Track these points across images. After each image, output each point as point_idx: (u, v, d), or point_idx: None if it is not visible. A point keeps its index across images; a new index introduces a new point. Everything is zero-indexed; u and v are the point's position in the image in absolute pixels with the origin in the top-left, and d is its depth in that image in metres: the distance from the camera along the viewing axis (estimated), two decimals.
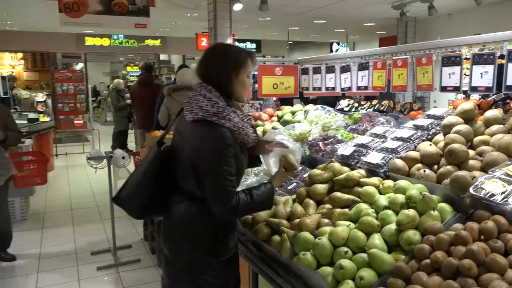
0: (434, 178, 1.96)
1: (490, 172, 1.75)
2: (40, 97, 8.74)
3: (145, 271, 4.11)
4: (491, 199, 1.62)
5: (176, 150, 1.94)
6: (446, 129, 2.19)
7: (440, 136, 2.24)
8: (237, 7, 6.01)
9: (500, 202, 1.60)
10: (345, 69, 3.77)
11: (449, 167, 1.93)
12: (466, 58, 2.74)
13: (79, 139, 10.82)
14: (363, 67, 3.55)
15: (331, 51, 15.73)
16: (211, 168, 1.77)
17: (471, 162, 1.91)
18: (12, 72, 16.50)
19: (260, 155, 2.16)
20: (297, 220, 2.08)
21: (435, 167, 2.07)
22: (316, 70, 4.18)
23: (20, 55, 17.03)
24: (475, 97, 4.89)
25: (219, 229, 1.89)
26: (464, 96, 7.28)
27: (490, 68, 2.48)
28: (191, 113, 1.83)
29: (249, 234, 2.28)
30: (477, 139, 2.07)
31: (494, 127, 2.08)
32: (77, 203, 6.27)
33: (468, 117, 2.19)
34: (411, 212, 1.74)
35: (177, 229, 1.91)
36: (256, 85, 4.93)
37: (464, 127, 2.09)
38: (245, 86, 1.93)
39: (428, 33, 9.00)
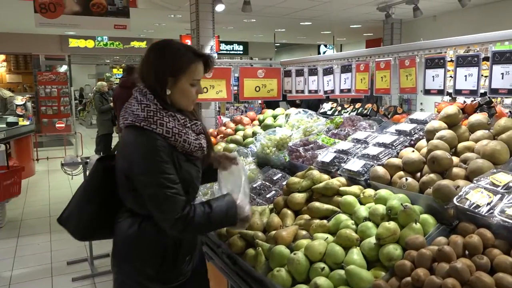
0: (416, 187, 1.86)
1: (475, 181, 1.65)
2: (19, 100, 8.48)
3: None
4: (476, 210, 1.52)
5: (116, 162, 1.73)
6: (429, 135, 2.09)
7: (423, 142, 2.13)
8: (219, 8, 5.87)
9: (486, 214, 1.50)
10: (328, 72, 3.67)
11: (432, 175, 1.82)
12: (450, 60, 2.65)
13: (62, 143, 10.57)
14: (346, 69, 3.45)
15: (319, 53, 15.69)
16: (147, 179, 1.55)
17: (455, 170, 1.80)
18: None
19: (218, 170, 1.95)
20: (273, 232, 1.96)
21: (418, 175, 1.97)
22: (299, 73, 4.07)
23: (2, 57, 16.68)
24: (460, 100, 4.83)
25: (168, 250, 1.66)
26: (450, 99, 7.25)
27: (474, 71, 2.39)
28: (122, 119, 1.65)
29: (223, 246, 2.16)
30: (461, 145, 1.97)
31: (479, 133, 1.98)
32: (56, 210, 6.06)
33: (452, 122, 2.09)
34: (392, 224, 1.63)
35: (120, 250, 1.71)
36: (236, 88, 4.82)
37: (447, 133, 1.99)
38: (187, 94, 1.67)
39: (414, 35, 8.97)
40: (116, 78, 18.41)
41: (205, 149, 1.74)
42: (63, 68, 15.47)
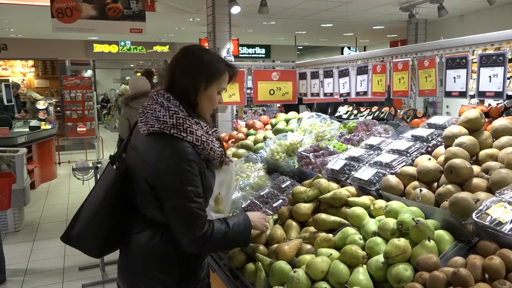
0: (432, 199, 1.68)
1: (497, 194, 1.47)
2: (41, 104, 8.62)
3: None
4: (498, 228, 1.34)
5: (131, 169, 1.64)
6: (448, 141, 1.90)
7: (441, 149, 1.95)
8: (235, 10, 5.78)
9: (509, 232, 1.31)
10: (344, 73, 3.50)
11: (449, 186, 1.64)
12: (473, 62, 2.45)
13: (84, 147, 10.71)
14: (362, 71, 3.27)
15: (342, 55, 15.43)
16: (173, 190, 1.49)
17: (475, 180, 1.62)
18: (23, 80, 16.61)
19: None
20: (275, 246, 1.82)
21: (435, 185, 1.79)
22: (314, 75, 3.92)
23: (31, 62, 17.12)
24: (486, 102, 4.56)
25: (189, 259, 1.60)
26: (478, 101, 6.92)
27: (499, 71, 2.18)
28: (145, 125, 1.56)
29: (225, 259, 2.03)
30: (483, 153, 1.78)
31: (503, 139, 1.78)
32: (74, 213, 6.07)
33: (473, 127, 1.90)
34: (402, 241, 1.46)
35: (138, 264, 1.61)
36: (250, 91, 4.70)
37: (467, 139, 1.80)
38: (213, 102, 1.66)
39: (440, 36, 8.65)
40: None
41: (224, 156, 1.70)
42: (88, 73, 15.75)
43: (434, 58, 2.61)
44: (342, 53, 15.75)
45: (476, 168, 1.70)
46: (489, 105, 2.47)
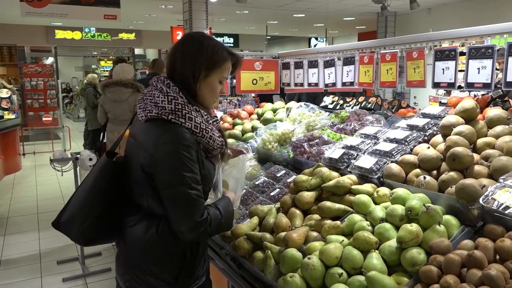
0: (435, 186, 1.75)
1: (501, 180, 1.55)
2: (4, 93, 8.21)
3: (115, 282, 3.80)
4: (506, 212, 1.42)
5: (129, 158, 1.59)
6: (445, 130, 1.98)
7: (438, 138, 2.03)
8: None
9: None
10: (329, 64, 3.55)
11: (452, 173, 1.72)
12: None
13: (49, 137, 10.31)
14: (348, 61, 3.33)
15: (309, 46, 15.58)
16: (171, 177, 1.44)
17: (477, 168, 1.70)
18: None
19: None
20: (283, 234, 1.84)
21: (435, 172, 1.86)
22: (298, 65, 3.94)
23: None
24: (461, 94, 4.75)
25: (186, 253, 1.56)
26: (445, 92, 7.19)
27: (488, 63, 2.28)
28: (144, 111, 1.52)
29: (228, 247, 2.04)
30: (480, 141, 1.86)
31: (499, 128, 1.88)
32: (45, 206, 5.88)
33: (469, 117, 1.99)
34: (414, 227, 1.52)
35: (134, 257, 1.56)
36: (234, 81, 4.68)
37: (466, 128, 1.89)
38: (214, 91, 1.60)
39: (408, 28, 8.90)
40: (104, 71, 18.06)
41: (224, 147, 1.65)
42: (49, 60, 15.11)
43: (423, 49, 2.69)
44: (309, 44, 15.90)
45: (475, 156, 1.79)
46: (475, 95, 2.58)
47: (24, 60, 13.62)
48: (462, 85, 2.42)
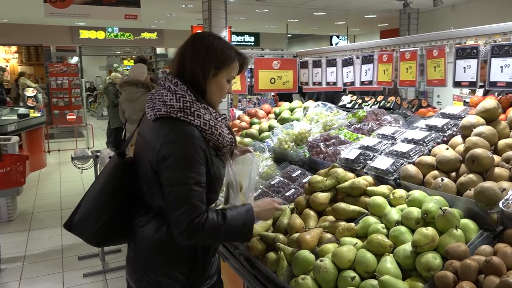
0: (453, 188, 1.70)
1: None
2: (30, 91, 8.43)
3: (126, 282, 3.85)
4: None
5: (138, 157, 1.61)
6: (465, 131, 1.93)
7: (457, 139, 1.97)
8: None
9: None
10: (348, 63, 3.50)
11: (471, 176, 1.66)
12: None
13: (73, 135, 10.55)
14: (367, 60, 3.27)
15: (331, 44, 15.43)
16: (175, 175, 1.43)
17: (497, 170, 1.64)
18: (6, 66, 16.20)
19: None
20: (296, 235, 1.82)
21: (453, 174, 1.81)
22: (316, 64, 3.90)
23: (14, 48, 16.69)
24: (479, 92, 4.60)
25: (198, 252, 1.56)
26: (470, 91, 6.98)
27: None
28: (152, 110, 1.54)
29: (241, 248, 2.03)
30: (502, 142, 1.80)
31: None
32: (68, 202, 6.01)
33: (490, 117, 1.92)
34: (430, 231, 1.48)
35: (145, 257, 1.56)
36: (253, 79, 4.67)
37: (487, 129, 1.83)
38: (222, 90, 1.62)
39: (432, 26, 8.70)
40: (127, 70, 18.34)
41: (233, 145, 1.65)
42: (74, 59, 15.44)
43: (443, 48, 2.62)
44: (331, 42, 15.74)
45: (496, 158, 1.73)
46: (499, 95, 2.50)
47: (50, 60, 13.94)
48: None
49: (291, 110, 3.51)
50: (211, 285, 1.64)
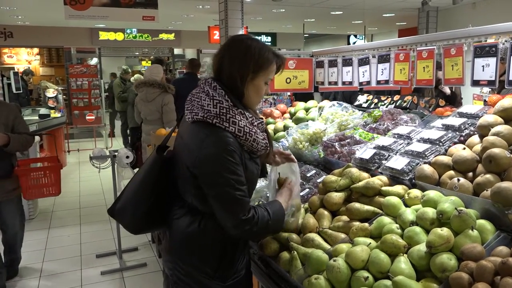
0: (470, 188, 1.67)
1: None
2: (50, 92, 8.61)
3: (151, 277, 3.91)
4: None
5: (177, 155, 1.69)
6: (483, 130, 1.89)
7: (475, 138, 1.94)
8: None
9: None
10: (364, 62, 3.47)
11: (488, 176, 1.63)
12: None
13: (92, 135, 10.73)
14: (383, 59, 3.24)
15: (348, 43, 15.31)
16: (215, 179, 1.51)
17: None
18: (29, 67, 16.57)
19: (268, 166, 1.91)
20: (310, 235, 1.82)
21: (470, 175, 1.78)
22: (332, 63, 3.88)
23: (36, 50, 17.07)
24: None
25: (226, 247, 1.63)
26: (490, 90, 6.84)
27: None
28: (191, 113, 1.60)
29: (255, 247, 2.04)
30: None
31: None
32: (86, 202, 6.13)
33: (508, 116, 1.88)
34: (445, 231, 1.46)
35: (177, 248, 1.66)
36: None
37: (504, 128, 1.79)
38: (260, 92, 1.64)
39: (451, 24, 8.55)
40: (144, 71, 18.55)
41: (269, 148, 1.68)
42: (94, 60, 15.70)
43: (461, 46, 2.58)
44: (348, 41, 15.62)
45: None
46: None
47: (70, 61, 14.22)
48: None
49: (306, 110, 3.50)
50: (238, 280, 1.68)
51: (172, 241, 1.68)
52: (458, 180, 1.70)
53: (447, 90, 4.89)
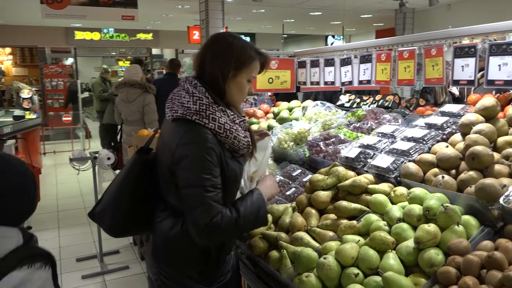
0: (454, 185, 1.72)
1: None
2: (25, 93, 8.39)
3: (133, 279, 3.85)
4: None
5: (158, 156, 1.66)
6: (465, 129, 1.94)
7: (457, 136, 1.99)
8: None
9: None
10: (346, 62, 3.51)
11: (472, 173, 1.68)
12: None
13: (69, 136, 10.50)
14: (365, 59, 3.29)
15: (326, 44, 15.48)
16: (188, 177, 1.46)
17: (497, 167, 1.66)
18: (1, 68, 16.10)
19: None
20: (298, 233, 1.83)
21: (453, 172, 1.82)
22: (314, 63, 3.92)
23: (8, 50, 16.60)
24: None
25: (211, 250, 1.59)
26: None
27: (510, 60, 2.22)
28: (171, 111, 1.57)
29: (243, 247, 2.04)
30: (501, 140, 1.82)
31: None
32: (64, 205, 5.99)
33: (489, 115, 1.94)
34: (432, 227, 1.49)
35: (161, 252, 1.62)
36: None
37: (486, 126, 1.84)
38: (242, 90, 1.62)
39: (427, 25, 8.75)
40: (122, 71, 18.29)
41: (251, 147, 1.65)
42: (69, 61, 15.38)
43: (441, 46, 2.64)
44: (326, 42, 15.79)
45: (495, 155, 1.74)
46: (496, 93, 2.52)
47: (45, 61, 13.89)
48: None
49: (290, 109, 3.52)
50: (225, 282, 1.66)
51: (156, 245, 1.63)
52: (443, 177, 1.74)
53: (455, 91, 4.94)
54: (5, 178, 1.15)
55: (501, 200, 1.46)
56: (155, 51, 16.90)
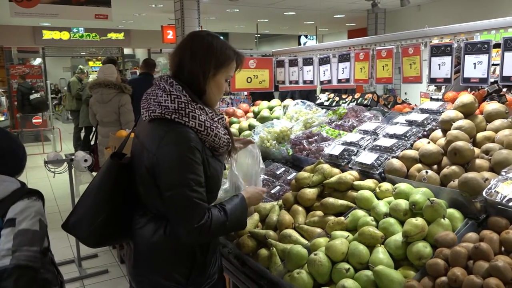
0: (437, 180, 1.77)
1: (503, 173, 1.57)
2: None
3: (113, 283, 3.78)
4: (510, 204, 1.44)
5: (135, 159, 1.60)
6: (445, 125, 2.01)
7: (437, 133, 2.05)
8: None
9: None
10: (324, 61, 3.56)
11: (454, 167, 1.74)
12: None
13: (39, 139, 10.19)
14: (343, 58, 3.34)
15: (299, 43, 15.62)
16: (173, 178, 1.43)
17: (478, 161, 1.72)
18: None
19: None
20: (287, 231, 1.85)
21: (435, 167, 1.88)
22: (293, 63, 3.95)
23: None
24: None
25: (196, 252, 1.55)
26: (435, 88, 7.22)
27: (484, 58, 2.31)
28: (147, 111, 1.53)
29: (230, 246, 2.03)
30: (480, 135, 1.89)
31: (497, 122, 1.91)
32: None
33: (467, 111, 2.01)
34: (420, 221, 1.54)
35: (144, 260, 1.56)
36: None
37: (466, 123, 1.91)
38: (220, 89, 1.62)
39: (398, 25, 8.97)
40: (93, 71, 17.88)
41: (230, 145, 1.64)
42: (37, 61, 14.91)
43: (419, 45, 2.71)
44: (299, 42, 15.93)
45: (476, 150, 1.81)
46: (471, 90, 2.61)
47: (11, 61, 13.40)
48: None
49: (270, 108, 3.53)
50: (212, 284, 1.62)
51: (138, 253, 1.58)
52: (427, 172, 1.79)
53: None
54: (4, 141, 1.64)
55: (484, 193, 1.52)
56: (126, 51, 16.62)
